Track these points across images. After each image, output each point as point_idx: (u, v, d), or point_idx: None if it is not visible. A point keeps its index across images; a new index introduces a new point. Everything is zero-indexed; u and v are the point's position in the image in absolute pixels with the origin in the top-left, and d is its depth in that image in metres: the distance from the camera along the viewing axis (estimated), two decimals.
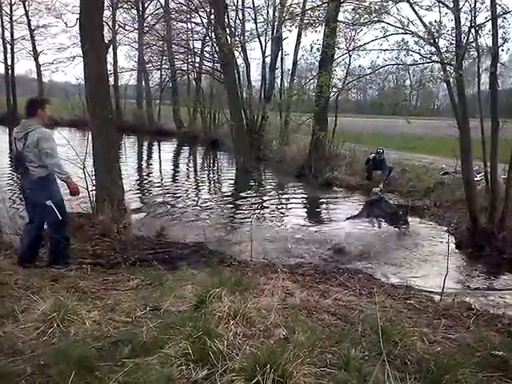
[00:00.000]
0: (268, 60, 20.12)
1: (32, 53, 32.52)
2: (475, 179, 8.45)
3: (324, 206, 10.86)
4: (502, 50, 7.02)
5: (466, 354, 3.26)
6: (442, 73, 7.40)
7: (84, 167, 6.92)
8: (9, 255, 5.38)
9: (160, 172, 16.20)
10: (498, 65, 7.11)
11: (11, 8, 31.10)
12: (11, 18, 31.39)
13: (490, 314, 4.35)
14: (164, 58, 27.94)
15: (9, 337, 3.13)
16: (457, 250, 7.22)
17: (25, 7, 30.95)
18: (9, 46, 31.91)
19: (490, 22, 6.75)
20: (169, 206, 9.94)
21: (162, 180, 14.20)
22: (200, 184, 13.72)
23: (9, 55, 32.02)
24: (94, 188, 7.14)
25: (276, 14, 17.27)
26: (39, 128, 4.93)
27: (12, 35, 31.75)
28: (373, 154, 13.01)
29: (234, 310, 3.43)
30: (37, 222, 5.09)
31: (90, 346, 3.02)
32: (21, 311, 3.51)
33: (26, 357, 2.90)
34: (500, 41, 6.83)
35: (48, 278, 4.50)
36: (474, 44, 7.09)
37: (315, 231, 8.34)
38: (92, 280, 4.68)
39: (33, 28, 31.76)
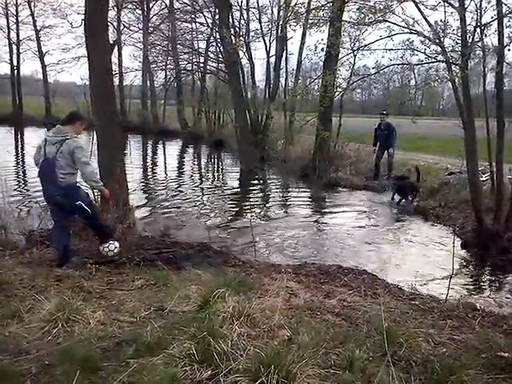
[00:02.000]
0: (272, 60, 20.13)
1: (37, 53, 32.60)
2: (481, 179, 8.42)
3: (328, 205, 10.83)
4: (509, 50, 6.96)
5: (471, 356, 3.25)
6: (447, 72, 7.36)
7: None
8: (14, 255, 5.40)
9: (165, 172, 16.23)
10: (504, 64, 7.08)
11: (17, 9, 31.28)
12: (17, 19, 31.55)
13: (495, 315, 4.33)
14: (169, 58, 28.03)
15: (14, 337, 3.15)
16: (462, 251, 7.19)
17: (30, 8, 31.05)
18: (14, 47, 32.05)
19: (496, 21, 6.71)
20: (173, 206, 9.95)
21: (166, 180, 14.22)
22: (204, 184, 13.72)
23: (14, 56, 32.16)
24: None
25: (281, 14, 17.26)
26: (75, 138, 5.12)
27: (18, 36, 31.90)
28: (377, 123, 13.06)
29: (238, 311, 3.44)
30: (62, 223, 5.24)
31: (95, 346, 3.04)
32: (26, 311, 3.53)
33: (31, 357, 2.92)
34: (506, 40, 6.79)
35: (53, 278, 4.53)
36: (479, 43, 7.05)
37: (319, 231, 8.33)
38: (97, 280, 4.70)
39: (38, 28, 31.83)
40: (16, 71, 32.41)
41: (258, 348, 2.98)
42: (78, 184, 5.19)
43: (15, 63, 32.24)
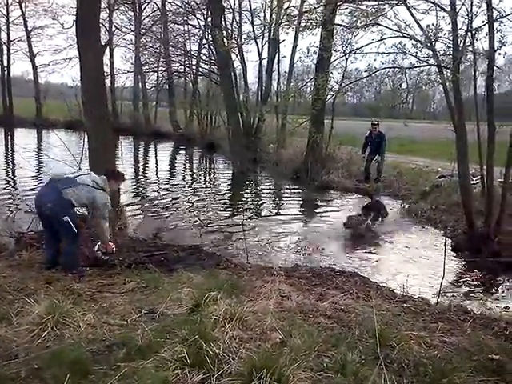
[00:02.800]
0: (265, 62, 20.16)
1: (28, 54, 32.37)
2: (472, 182, 8.47)
3: (320, 208, 10.84)
4: (499, 54, 7.03)
5: (462, 358, 3.26)
6: (438, 76, 7.40)
7: (80, 168, 6.89)
8: (3, 258, 5.34)
9: (156, 174, 16.17)
10: (494, 68, 7.13)
11: (8, 9, 31.02)
12: (8, 20, 31.28)
13: (486, 318, 4.35)
14: (161, 59, 27.94)
15: (3, 340, 3.11)
16: (453, 254, 7.22)
17: (21, 8, 30.83)
18: (5, 48, 31.76)
19: (487, 25, 6.76)
20: (165, 208, 9.91)
21: (158, 182, 14.16)
22: (196, 186, 13.68)
23: (5, 56, 31.87)
24: None
25: (273, 17, 17.29)
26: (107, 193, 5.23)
27: (8, 36, 31.61)
28: (369, 131, 13.12)
29: (230, 314, 3.42)
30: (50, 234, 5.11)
31: (85, 350, 3.00)
32: (15, 314, 3.48)
33: (20, 360, 2.87)
34: (497, 44, 6.85)
35: (43, 281, 4.47)
36: (470, 47, 7.11)
37: (311, 233, 8.33)
38: (87, 282, 4.65)
39: (29, 29, 31.64)
40: (6, 72, 32.11)
41: (250, 351, 2.96)
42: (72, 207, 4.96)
43: (5, 64, 31.95)
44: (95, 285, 4.60)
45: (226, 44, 15.41)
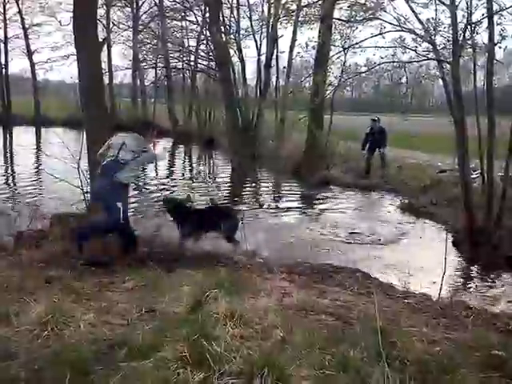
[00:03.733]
0: (263, 58, 20.06)
1: (26, 51, 32.26)
2: (472, 177, 8.44)
3: (320, 203, 10.82)
4: (500, 48, 7.01)
5: (465, 354, 3.24)
6: (438, 70, 7.37)
7: (78, 166, 6.85)
8: (3, 257, 5.32)
9: (155, 171, 16.13)
10: (494, 62, 7.10)
11: (4, 7, 30.87)
12: (5, 17, 31.17)
13: (488, 313, 4.33)
14: (159, 56, 27.82)
15: (2, 340, 3.08)
16: (454, 249, 7.20)
17: (18, 6, 30.69)
18: (2, 45, 31.72)
19: (487, 19, 6.73)
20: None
21: (157, 178, 14.13)
22: (195, 182, 13.66)
23: (2, 54, 31.83)
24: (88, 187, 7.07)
25: (271, 12, 17.21)
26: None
27: (5, 34, 31.52)
28: (369, 127, 13.16)
29: (230, 311, 3.39)
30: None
31: (86, 350, 2.98)
32: (15, 314, 3.45)
33: (21, 361, 2.85)
34: (497, 38, 6.82)
35: (42, 280, 4.45)
36: (470, 41, 7.08)
37: (312, 229, 8.31)
38: (87, 281, 4.62)
39: (27, 26, 31.51)
40: (4, 70, 32.05)
41: (251, 349, 2.94)
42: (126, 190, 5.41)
43: (3, 61, 31.90)
44: (95, 283, 4.57)
45: (223, 40, 15.35)
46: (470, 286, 5.92)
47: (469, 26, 6.85)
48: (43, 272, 4.73)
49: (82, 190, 6.95)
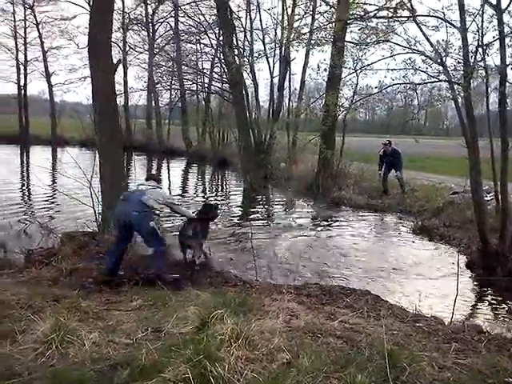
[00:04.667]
0: (276, 80, 20.26)
1: (44, 74, 33.06)
2: (485, 199, 8.32)
3: (332, 224, 10.73)
4: (511, 69, 6.96)
5: (476, 381, 3.15)
6: (449, 92, 7.34)
7: (91, 185, 6.92)
8: (12, 274, 5.35)
9: (168, 189, 16.21)
10: (507, 84, 7.05)
11: (25, 31, 31.91)
12: (25, 41, 32.18)
13: (502, 338, 4.21)
14: (173, 78, 28.24)
15: (6, 358, 3.07)
16: (467, 272, 7.07)
17: (38, 30, 31.69)
18: (22, 68, 32.57)
19: (498, 41, 6.72)
20: (176, 224, 9.87)
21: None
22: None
23: (22, 76, 32.68)
24: (100, 206, 7.13)
25: (284, 35, 17.44)
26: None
27: (25, 57, 32.48)
28: (382, 150, 13.29)
29: (236, 333, 3.35)
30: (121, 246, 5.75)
31: (88, 369, 2.96)
32: (20, 332, 3.46)
33: (23, 379, 2.84)
34: (509, 60, 6.79)
35: (50, 298, 4.45)
36: (481, 63, 7.05)
37: (322, 250, 8.23)
38: (94, 300, 4.63)
39: (46, 50, 32.39)
40: (23, 91, 32.85)
41: (255, 372, 2.89)
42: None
43: (22, 83, 32.71)
44: (102, 302, 4.58)
45: (237, 62, 15.54)
46: (483, 309, 5.77)
47: (480, 48, 6.83)
48: (51, 290, 4.73)
49: (94, 208, 7.02)
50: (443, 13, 7.12)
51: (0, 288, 4.52)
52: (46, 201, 11.87)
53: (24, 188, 14.75)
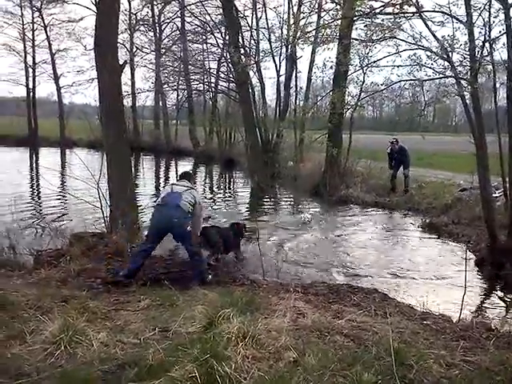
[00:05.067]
0: (282, 79, 20.23)
1: (53, 76, 33.30)
2: (494, 195, 8.27)
3: (340, 222, 10.71)
4: None
5: (485, 378, 3.13)
6: (456, 88, 7.29)
7: (98, 187, 6.97)
8: (22, 275, 5.40)
9: None
10: None
11: (33, 33, 32.19)
12: (33, 43, 32.45)
13: (511, 336, 4.17)
14: (180, 78, 28.32)
15: (15, 359, 3.11)
16: (476, 268, 7.03)
17: (46, 32, 31.96)
18: (30, 70, 32.83)
19: (505, 35, 6.66)
20: None
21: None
22: (215, 201, 13.71)
23: (30, 79, 32.94)
24: (108, 207, 7.18)
25: (290, 33, 17.42)
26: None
27: (34, 59, 32.76)
28: (389, 147, 13.38)
29: (243, 332, 3.35)
30: (151, 248, 5.78)
31: (96, 369, 2.98)
32: (29, 332, 3.49)
33: (32, 379, 2.87)
34: None
35: (59, 299, 4.49)
36: (488, 58, 7.00)
37: (330, 248, 8.22)
38: (103, 300, 4.65)
39: (54, 52, 32.64)
40: (32, 94, 33.11)
41: (262, 371, 2.90)
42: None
43: (31, 86, 32.97)
44: (110, 302, 4.60)
45: (243, 61, 15.55)
46: (491, 306, 5.72)
47: (487, 43, 6.78)
48: (60, 291, 4.77)
49: (102, 209, 7.06)
50: (449, 8, 7.08)
51: (10, 289, 4.55)
52: (55, 202, 11.96)
53: (33, 190, 14.87)
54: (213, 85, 26.87)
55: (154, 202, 12.35)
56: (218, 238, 6.70)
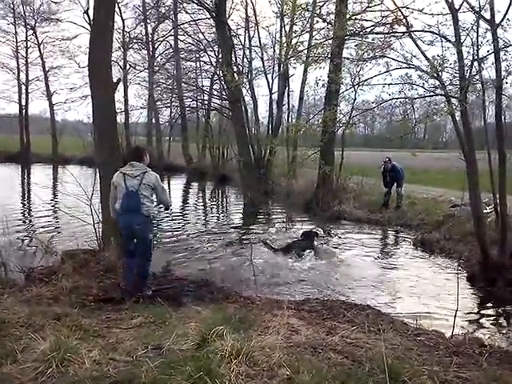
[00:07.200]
0: (275, 96, 20.43)
1: (45, 93, 33.40)
2: (485, 211, 8.34)
3: (332, 239, 10.73)
4: (506, 83, 7.04)
5: None
6: (446, 106, 7.41)
7: (91, 203, 6.95)
8: (13, 293, 5.34)
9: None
10: (505, 97, 7.14)
11: (27, 51, 32.38)
12: (26, 61, 32.58)
13: (503, 352, 4.20)
14: (173, 95, 28.52)
15: (6, 378, 3.06)
16: (468, 285, 7.06)
17: (40, 50, 32.16)
18: (23, 87, 32.90)
19: (493, 55, 6.81)
20: (177, 240, 9.90)
21: (169, 214, 14.19)
22: (208, 218, 13.72)
23: (23, 96, 33.00)
24: (100, 224, 7.15)
25: (282, 52, 17.64)
26: (151, 170, 5.61)
27: (27, 76, 32.90)
28: (382, 166, 13.50)
29: (236, 349, 3.33)
30: (139, 253, 5.61)
31: None
32: (20, 351, 3.44)
33: None
34: (504, 73, 6.87)
35: (50, 317, 4.44)
36: (477, 76, 7.14)
37: (323, 265, 8.22)
38: (95, 318, 4.61)
39: (47, 69, 32.79)
40: (24, 111, 33.14)
41: None
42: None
43: (23, 103, 33.02)
44: (103, 320, 4.56)
45: (235, 79, 15.70)
46: (484, 322, 5.74)
47: (475, 62, 6.92)
48: (52, 308, 4.72)
49: (94, 226, 7.03)
50: (438, 28, 7.25)
51: (0, 307, 4.51)
52: (47, 219, 11.89)
53: (25, 206, 14.78)
54: (206, 102, 27.09)
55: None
56: None
